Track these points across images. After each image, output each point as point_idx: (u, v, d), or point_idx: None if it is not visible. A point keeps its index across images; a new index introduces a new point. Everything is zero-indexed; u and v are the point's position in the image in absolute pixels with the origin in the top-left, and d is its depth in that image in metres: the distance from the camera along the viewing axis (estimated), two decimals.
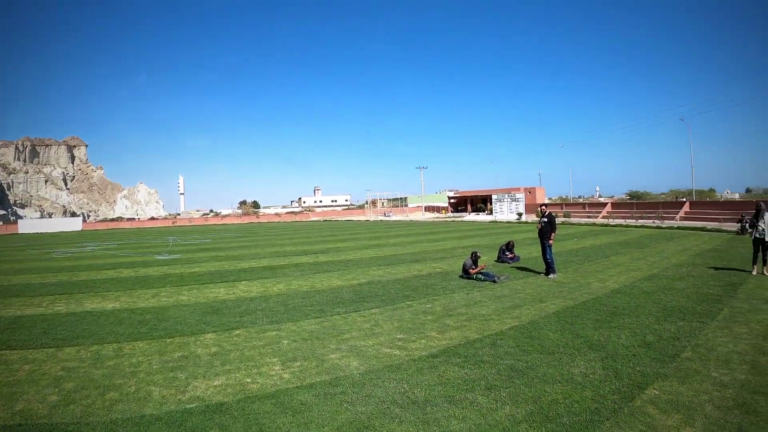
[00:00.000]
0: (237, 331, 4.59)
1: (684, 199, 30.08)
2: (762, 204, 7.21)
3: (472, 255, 7.60)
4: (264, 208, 74.47)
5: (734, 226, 15.91)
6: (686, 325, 4.71)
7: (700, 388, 3.10)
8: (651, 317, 5.10)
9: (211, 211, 67.30)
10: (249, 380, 3.30)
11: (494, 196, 34.33)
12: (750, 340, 4.09)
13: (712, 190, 49.71)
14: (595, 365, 3.64)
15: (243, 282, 7.65)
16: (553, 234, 7.42)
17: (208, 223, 46.54)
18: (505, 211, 32.52)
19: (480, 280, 7.21)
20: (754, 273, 7.32)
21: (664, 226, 20.04)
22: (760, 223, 7.12)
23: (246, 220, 47.91)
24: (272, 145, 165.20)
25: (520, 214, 30.27)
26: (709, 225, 19.05)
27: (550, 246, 7.35)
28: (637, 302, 5.82)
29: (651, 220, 22.70)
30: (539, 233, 7.61)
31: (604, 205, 32.11)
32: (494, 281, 7.07)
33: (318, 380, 3.28)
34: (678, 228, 18.76)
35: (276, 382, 3.27)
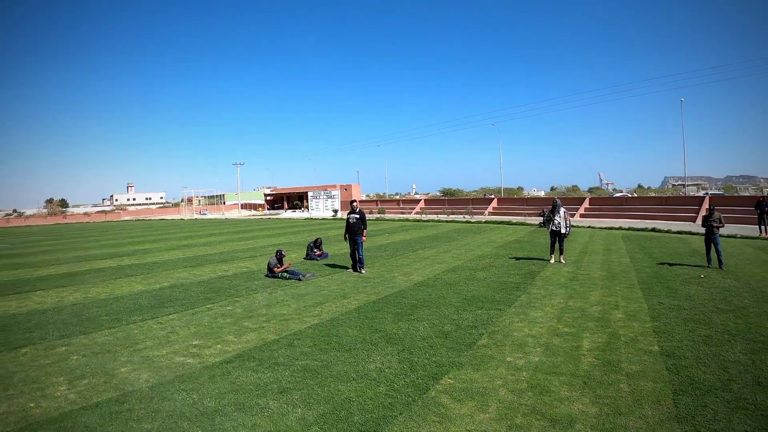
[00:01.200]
0: (24, 350, 8.78)
1: (492, 196, 73.00)
2: (558, 200, 18.42)
3: (277, 253, 16.22)
4: (73, 207, 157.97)
5: (538, 220, 28.45)
6: (484, 314, 10.46)
7: (495, 374, 6.96)
8: (451, 308, 11.03)
9: (15, 211, 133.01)
10: (32, 405, 6.29)
11: (310, 193, 79.59)
12: (545, 323, 9.67)
13: (520, 188, 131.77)
14: (391, 359, 7.66)
15: (37, 292, 14.90)
16: (365, 230, 16.66)
17: (10, 225, 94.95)
18: (320, 208, 76.14)
19: (285, 278, 15.39)
20: (552, 261, 18.02)
21: (473, 220, 48.09)
22: (555, 217, 17.70)
23: (52, 220, 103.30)
24: (79, 138, 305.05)
25: (335, 211, 72.20)
26: (515, 219, 46.68)
27: (362, 243, 16.53)
28: (439, 294, 12.65)
29: (461, 215, 55.74)
30: (349, 229, 16.48)
31: (418, 201, 74.30)
32: (299, 279, 15.20)
33: (105, 398, 6.44)
34: (486, 222, 45.01)
35: (61, 404, 6.28)
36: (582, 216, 47.03)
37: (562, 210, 17.69)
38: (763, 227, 28.76)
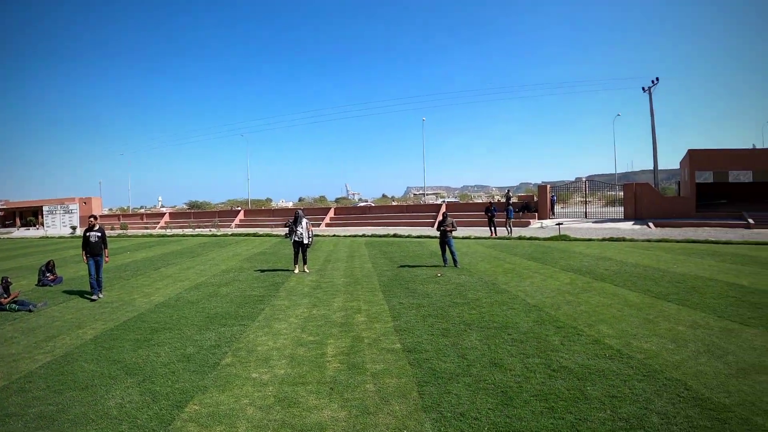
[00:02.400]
0: None
1: (239, 208, 74.64)
2: (300, 211, 19.23)
3: (2, 282, 13.95)
4: None
5: (284, 231, 28.98)
6: (227, 331, 10.26)
7: (241, 393, 6.82)
8: (193, 328, 10.63)
9: None
10: None
11: (46, 208, 69.49)
12: (289, 334, 9.83)
13: (268, 200, 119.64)
14: (132, 392, 7.04)
15: None
16: (106, 250, 15.26)
17: None
18: (58, 225, 67.11)
19: (14, 310, 13.33)
20: (296, 271, 18.60)
21: (219, 233, 47.46)
22: (298, 228, 18.46)
23: None
24: None
25: (74, 228, 62.48)
26: (261, 231, 47.93)
27: (102, 264, 15.02)
28: (181, 314, 12.09)
29: (208, 229, 55.00)
30: (88, 248, 14.77)
31: (164, 215, 71.31)
32: (30, 310, 13.29)
33: None
34: (233, 235, 45.48)
35: None
36: (328, 225, 48.66)
37: (304, 221, 18.33)
38: (492, 228, 32.59)
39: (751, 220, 35.94)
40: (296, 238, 18.14)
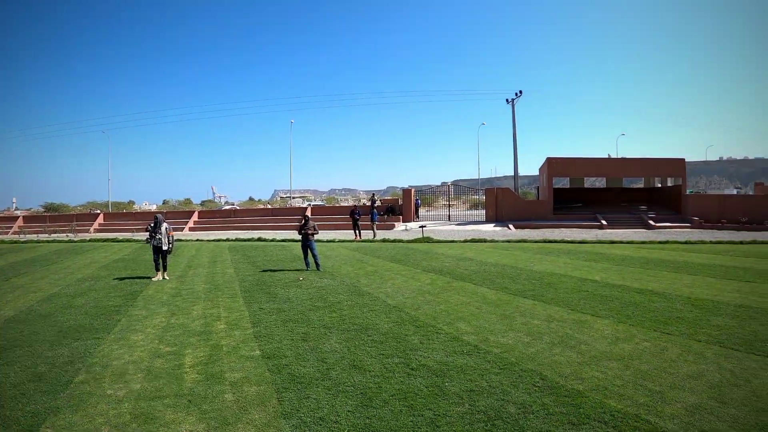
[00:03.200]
0: None
1: (99, 211, 67.39)
2: (159, 215, 18.48)
3: None
4: None
5: (145, 235, 28.50)
6: (81, 345, 9.60)
7: (96, 412, 6.40)
8: (45, 344, 9.72)
9: None
10: None
11: None
12: (146, 346, 9.41)
13: (131, 202, 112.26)
14: None
15: None
16: None
17: None
18: None
19: None
20: (156, 279, 17.88)
21: (76, 239, 43.08)
22: (157, 233, 17.76)
23: None
24: None
25: None
26: (121, 236, 44.67)
27: None
28: (32, 329, 11.05)
29: (65, 234, 48.71)
30: None
31: (17, 218, 61.76)
32: None
33: None
34: (90, 240, 41.32)
35: None
36: (192, 229, 47.38)
37: (164, 225, 17.74)
38: (357, 231, 33.15)
39: (603, 221, 39.29)
40: (155, 243, 17.58)
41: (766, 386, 6.85)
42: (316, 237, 18.93)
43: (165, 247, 17.65)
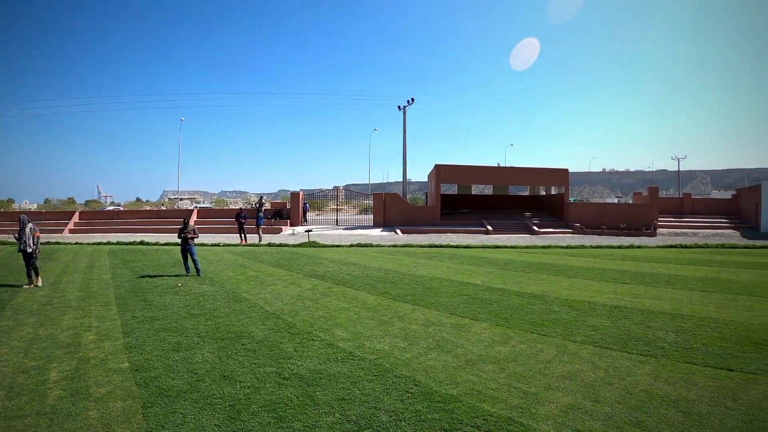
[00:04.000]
0: None
1: None
2: (24, 216, 16.84)
3: None
4: None
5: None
6: None
7: None
8: None
9: None
10: None
11: None
12: (10, 360, 8.73)
13: (11, 200, 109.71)
14: None
15: None
16: None
17: None
18: None
19: None
20: (27, 286, 16.61)
21: None
22: (23, 236, 16.43)
23: None
24: None
25: None
26: None
27: None
28: None
29: None
30: None
31: None
32: None
33: None
34: None
35: None
36: (72, 231, 44.74)
37: (28, 226, 16.51)
38: (242, 235, 32.84)
39: (489, 227, 40.56)
40: (23, 247, 16.27)
41: (639, 384, 7.35)
42: (196, 241, 18.51)
43: (29, 250, 16.42)
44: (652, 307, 12.80)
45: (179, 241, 18.48)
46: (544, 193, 56.35)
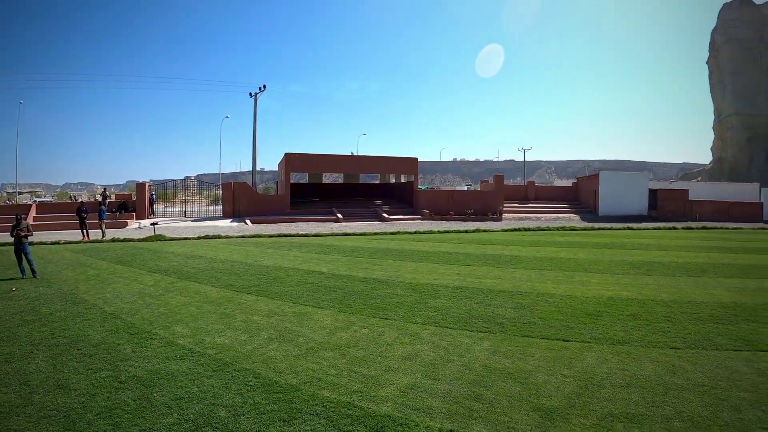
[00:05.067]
0: None
1: None
2: None
3: None
4: None
5: None
6: None
7: None
8: None
9: None
10: None
11: None
12: None
13: None
14: None
15: None
16: None
17: None
18: None
19: None
20: None
21: None
22: None
23: None
24: None
25: None
26: None
27: None
28: None
29: None
30: None
31: None
32: None
33: None
34: None
35: None
36: None
37: None
38: (84, 231, 31.22)
39: (339, 215, 41.30)
40: None
41: (478, 359, 7.87)
42: (31, 239, 17.41)
43: None
44: (493, 286, 13.69)
45: (12, 240, 17.50)
46: (395, 181, 57.94)
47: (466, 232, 32.88)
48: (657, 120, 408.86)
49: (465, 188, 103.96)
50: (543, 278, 15.04)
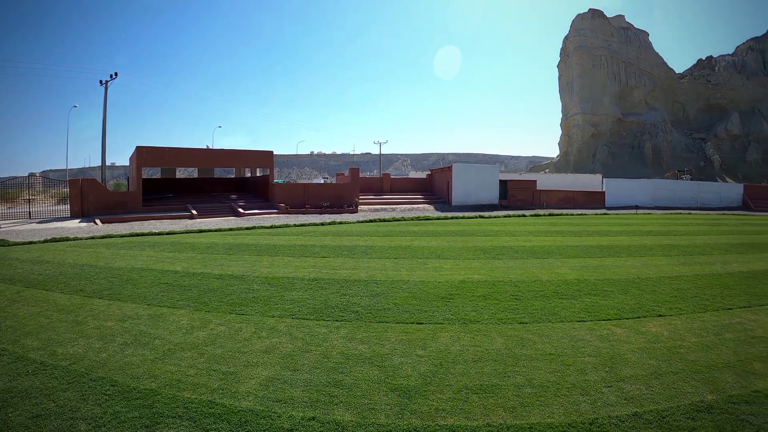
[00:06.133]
0: None
1: None
2: None
3: None
4: None
5: None
6: None
7: None
8: None
9: None
10: None
11: None
12: None
13: None
14: None
15: None
16: None
17: None
18: None
19: None
20: None
21: None
22: None
23: None
24: None
25: None
26: None
27: None
28: None
29: None
30: None
31: None
32: None
33: None
34: None
35: None
36: None
37: None
38: None
39: (194, 211, 40.51)
40: None
41: (336, 347, 8.25)
42: None
43: None
44: (348, 276, 14.17)
45: None
46: (251, 175, 57.61)
47: (322, 224, 33.37)
48: (509, 117, 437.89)
49: (322, 181, 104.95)
50: (397, 266, 15.71)
